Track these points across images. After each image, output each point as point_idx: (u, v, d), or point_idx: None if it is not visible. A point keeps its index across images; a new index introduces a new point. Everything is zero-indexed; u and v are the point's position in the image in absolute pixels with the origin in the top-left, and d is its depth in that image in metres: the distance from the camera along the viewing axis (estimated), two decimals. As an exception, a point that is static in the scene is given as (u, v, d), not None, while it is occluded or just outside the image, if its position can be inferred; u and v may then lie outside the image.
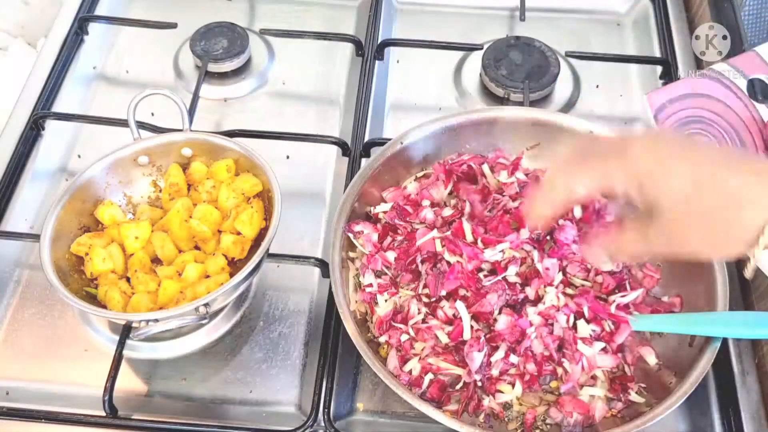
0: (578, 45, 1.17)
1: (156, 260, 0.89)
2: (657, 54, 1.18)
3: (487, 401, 0.81)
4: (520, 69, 1.12)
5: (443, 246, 0.86)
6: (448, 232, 0.87)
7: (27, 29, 1.59)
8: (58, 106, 1.10)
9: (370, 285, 0.87)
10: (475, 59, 1.15)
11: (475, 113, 0.97)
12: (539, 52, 1.14)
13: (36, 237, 0.85)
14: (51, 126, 1.07)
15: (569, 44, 1.17)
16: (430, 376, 0.81)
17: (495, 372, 0.81)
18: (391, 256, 0.88)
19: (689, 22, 1.22)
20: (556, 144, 0.96)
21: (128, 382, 0.87)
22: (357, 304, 0.88)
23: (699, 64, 1.16)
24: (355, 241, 0.90)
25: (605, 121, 1.10)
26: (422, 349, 0.83)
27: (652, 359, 0.84)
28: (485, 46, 1.15)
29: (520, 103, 1.08)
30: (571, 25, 1.24)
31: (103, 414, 0.82)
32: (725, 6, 1.09)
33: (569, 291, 0.85)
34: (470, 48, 1.16)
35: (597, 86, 1.16)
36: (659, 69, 1.16)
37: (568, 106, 1.13)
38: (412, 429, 0.84)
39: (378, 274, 0.88)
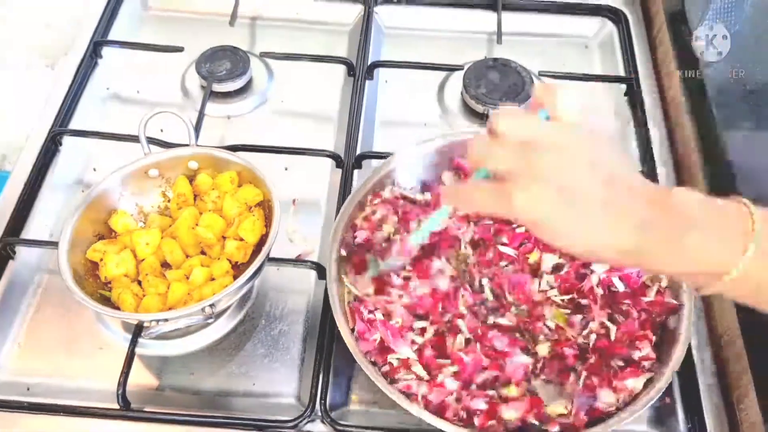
0: (550, 65, 1.17)
1: (165, 265, 0.88)
2: (621, 73, 1.19)
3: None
4: (497, 87, 1.12)
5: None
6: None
7: (46, 52, 1.58)
8: (75, 124, 1.10)
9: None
10: (457, 79, 1.15)
11: (460, 134, 0.97)
12: (515, 72, 1.14)
13: (55, 244, 0.84)
14: (68, 142, 1.07)
15: (542, 65, 1.17)
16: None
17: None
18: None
19: (650, 43, 1.23)
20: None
21: (140, 377, 0.86)
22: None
23: (660, 82, 1.17)
24: (351, 287, 0.86)
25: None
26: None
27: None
28: (466, 67, 1.15)
29: (498, 119, 1.08)
30: (544, 47, 1.24)
31: (117, 407, 0.82)
32: (683, 30, 1.09)
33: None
34: (452, 68, 1.16)
35: (568, 103, 1.16)
36: (624, 87, 1.16)
37: (541, 121, 1.13)
38: (404, 419, 0.84)
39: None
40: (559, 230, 0.54)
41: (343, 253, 0.87)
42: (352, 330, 0.81)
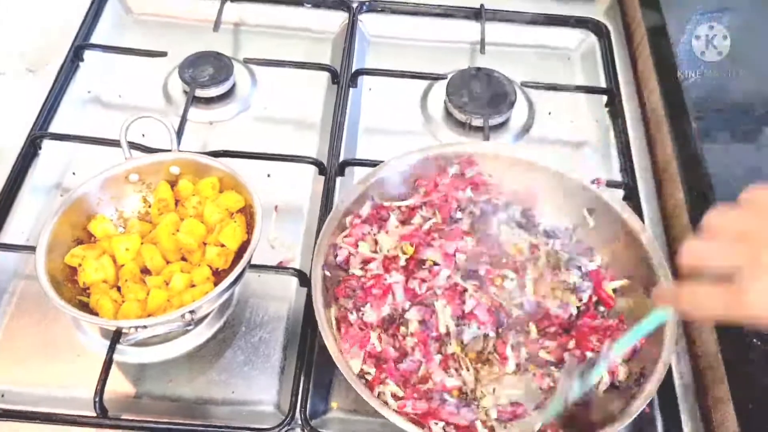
0: (533, 76, 1.18)
1: (145, 270, 0.87)
2: (602, 84, 1.20)
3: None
4: (480, 97, 1.12)
5: None
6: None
7: (26, 56, 1.56)
8: (55, 127, 1.09)
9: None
10: (440, 88, 1.16)
11: (450, 147, 0.96)
12: (498, 81, 1.15)
13: (32, 249, 0.83)
14: (48, 145, 1.06)
15: (525, 75, 1.18)
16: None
17: None
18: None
19: (631, 56, 1.24)
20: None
21: (118, 384, 0.85)
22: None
23: (640, 93, 1.18)
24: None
25: (557, 144, 1.12)
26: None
27: None
28: (449, 76, 1.15)
29: (481, 128, 1.09)
30: (527, 58, 1.25)
31: (94, 414, 0.80)
32: (662, 43, 1.11)
33: None
34: (435, 77, 1.17)
35: (549, 113, 1.17)
36: (605, 98, 1.18)
37: (523, 131, 1.14)
38: (383, 426, 0.83)
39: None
40: None
41: (327, 273, 0.86)
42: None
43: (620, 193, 1.01)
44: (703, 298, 0.56)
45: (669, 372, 0.87)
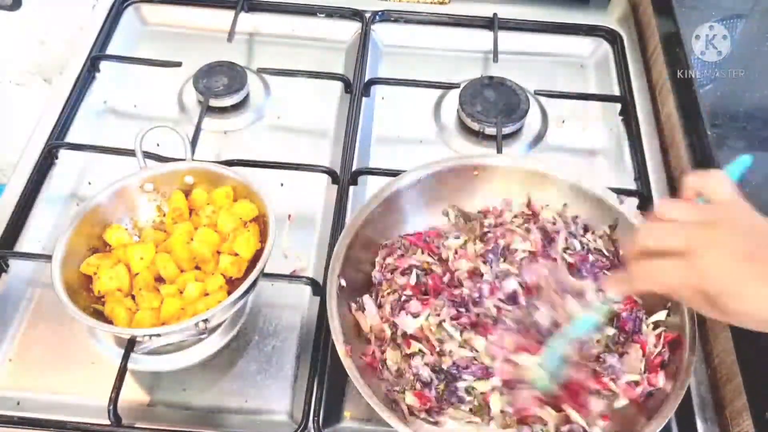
0: (546, 84, 1.18)
1: (159, 279, 0.87)
2: (616, 93, 1.20)
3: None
4: (493, 106, 1.12)
5: None
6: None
7: (43, 67, 1.58)
8: (71, 137, 1.10)
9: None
10: (453, 96, 1.16)
11: (466, 159, 0.96)
12: (511, 90, 1.14)
13: (48, 257, 0.83)
14: (64, 155, 1.07)
15: (538, 83, 1.18)
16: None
17: None
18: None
19: (645, 63, 1.24)
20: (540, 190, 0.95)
21: (132, 392, 0.86)
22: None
23: (654, 101, 1.18)
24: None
25: (570, 153, 1.12)
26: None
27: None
28: (462, 85, 1.15)
29: (494, 137, 1.08)
30: (540, 66, 1.25)
31: (108, 422, 0.81)
32: (677, 51, 1.10)
33: None
34: (448, 86, 1.17)
35: (563, 121, 1.16)
36: (618, 106, 1.17)
37: (536, 140, 1.13)
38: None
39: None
40: (742, 292, 0.56)
41: (343, 283, 0.86)
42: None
43: (634, 201, 1.00)
44: (658, 270, 0.59)
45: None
